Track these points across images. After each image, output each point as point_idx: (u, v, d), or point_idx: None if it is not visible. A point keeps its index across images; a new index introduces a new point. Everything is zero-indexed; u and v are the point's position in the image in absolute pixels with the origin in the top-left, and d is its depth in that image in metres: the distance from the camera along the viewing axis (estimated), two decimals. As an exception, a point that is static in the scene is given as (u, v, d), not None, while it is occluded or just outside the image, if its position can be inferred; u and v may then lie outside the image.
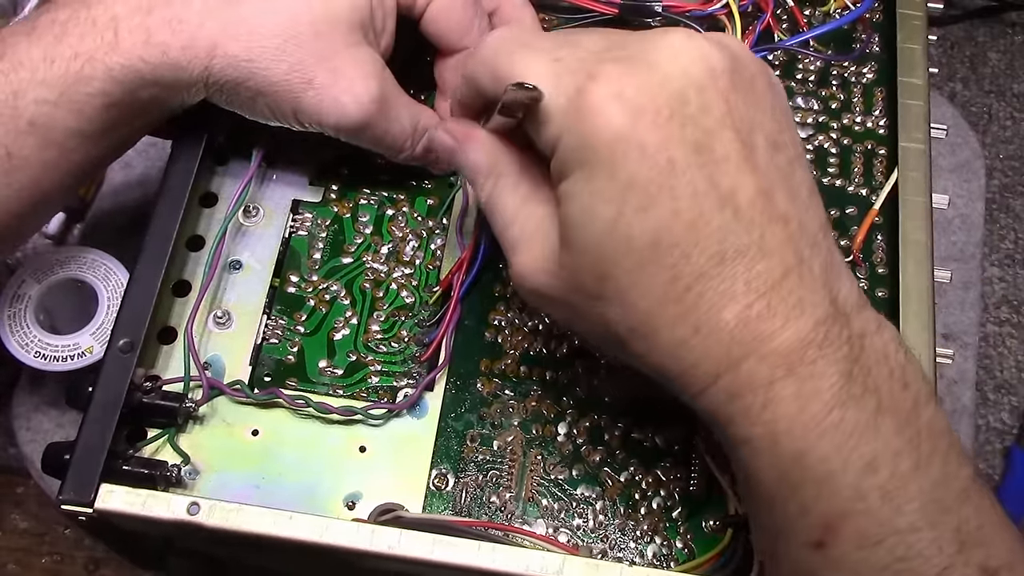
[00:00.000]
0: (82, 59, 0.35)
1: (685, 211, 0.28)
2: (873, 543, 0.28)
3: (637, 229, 0.29)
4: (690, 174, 0.28)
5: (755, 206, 0.29)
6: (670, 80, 0.29)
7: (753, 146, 0.30)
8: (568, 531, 0.37)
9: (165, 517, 0.34)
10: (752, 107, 0.30)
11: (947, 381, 0.56)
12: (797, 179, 0.31)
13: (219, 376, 0.39)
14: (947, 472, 0.29)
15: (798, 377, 0.28)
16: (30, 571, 0.53)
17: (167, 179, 0.40)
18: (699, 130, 0.29)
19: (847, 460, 0.28)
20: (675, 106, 0.29)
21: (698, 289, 0.29)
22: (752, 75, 0.31)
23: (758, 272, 0.29)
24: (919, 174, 0.42)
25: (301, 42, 0.36)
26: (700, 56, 0.30)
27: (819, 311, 0.29)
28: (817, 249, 0.30)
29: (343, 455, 0.38)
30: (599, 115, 0.29)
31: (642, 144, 0.28)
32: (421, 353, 0.40)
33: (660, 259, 0.29)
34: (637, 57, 0.29)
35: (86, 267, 0.46)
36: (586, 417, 0.39)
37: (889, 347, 0.30)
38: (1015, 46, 0.68)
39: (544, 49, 0.31)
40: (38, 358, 0.45)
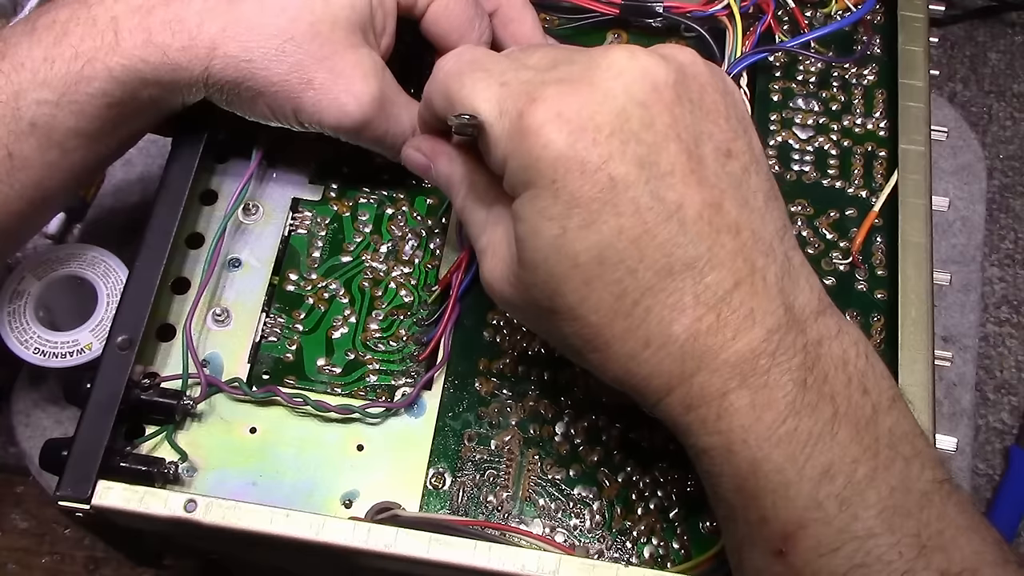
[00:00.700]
0: (83, 59, 0.35)
1: (628, 227, 0.29)
2: (831, 550, 0.28)
3: (581, 246, 0.29)
4: (633, 190, 0.29)
5: (702, 218, 0.29)
6: (610, 98, 0.29)
7: (700, 157, 0.30)
8: (565, 531, 0.37)
9: (162, 514, 0.34)
10: (700, 118, 0.30)
11: (946, 383, 0.56)
12: (751, 186, 0.31)
13: (217, 374, 0.39)
14: (908, 477, 0.29)
15: (751, 387, 0.29)
16: (30, 571, 0.53)
17: (167, 176, 0.40)
18: (642, 145, 0.29)
19: (802, 469, 0.28)
20: (616, 123, 0.29)
21: (646, 303, 0.29)
22: (701, 85, 0.31)
23: (707, 284, 0.29)
24: (919, 176, 0.42)
25: (300, 43, 0.36)
26: (641, 72, 0.30)
27: (771, 320, 0.29)
28: (772, 256, 0.30)
29: (341, 453, 0.38)
30: (539, 136, 0.29)
31: (583, 163, 0.29)
32: (419, 352, 0.40)
33: (606, 275, 0.29)
34: (578, 77, 0.30)
35: (86, 264, 0.47)
36: (584, 417, 0.39)
37: (849, 352, 0.30)
38: (1015, 46, 0.68)
39: (492, 72, 0.32)
40: (37, 354, 0.45)
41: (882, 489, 0.28)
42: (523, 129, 0.29)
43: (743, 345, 0.29)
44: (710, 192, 0.29)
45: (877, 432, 0.29)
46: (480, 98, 0.31)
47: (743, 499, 0.29)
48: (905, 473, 0.29)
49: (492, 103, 0.31)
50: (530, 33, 0.42)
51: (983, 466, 0.57)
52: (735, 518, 0.30)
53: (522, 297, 0.32)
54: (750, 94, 0.44)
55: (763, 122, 0.45)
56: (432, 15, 0.39)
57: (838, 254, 0.42)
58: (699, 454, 0.30)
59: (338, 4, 0.37)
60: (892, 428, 0.29)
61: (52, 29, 0.36)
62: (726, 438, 0.29)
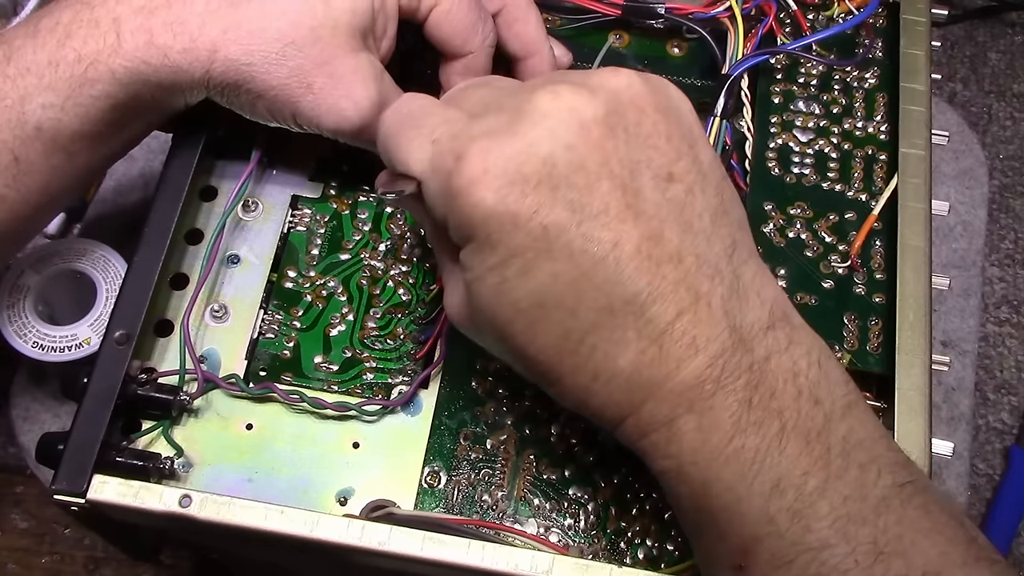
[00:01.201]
0: (86, 62, 0.35)
1: (564, 272, 0.29)
2: (786, 563, 0.28)
3: (520, 293, 0.30)
4: (565, 236, 0.29)
5: (640, 252, 0.29)
6: (535, 145, 0.29)
7: (637, 189, 0.30)
8: (559, 531, 0.37)
9: (157, 509, 0.34)
10: (637, 146, 0.30)
11: (945, 388, 0.56)
12: (696, 207, 0.30)
13: (215, 370, 0.39)
14: (864, 484, 0.29)
15: (697, 412, 0.29)
16: (30, 571, 0.53)
17: (167, 172, 0.40)
18: (572, 189, 0.29)
19: (751, 486, 0.29)
20: (543, 171, 0.29)
21: (591, 341, 0.29)
22: (638, 109, 0.30)
23: (648, 319, 0.29)
24: (919, 180, 0.42)
25: (301, 47, 0.36)
26: (567, 113, 0.29)
27: (715, 346, 0.29)
28: (719, 279, 0.30)
29: (336, 451, 0.38)
30: (469, 196, 0.29)
31: (514, 216, 0.29)
32: (416, 351, 0.40)
33: (548, 317, 0.30)
34: (503, 128, 0.30)
35: (85, 258, 0.47)
36: (580, 418, 0.38)
37: (800, 364, 0.30)
38: (1015, 46, 0.68)
39: (423, 129, 0.32)
40: (36, 348, 0.45)
41: (834, 499, 0.28)
42: (453, 189, 0.30)
43: (687, 374, 0.29)
44: (647, 224, 0.29)
45: (829, 442, 0.29)
46: (413, 158, 0.32)
47: (701, 517, 0.30)
48: (860, 480, 0.29)
49: (424, 163, 0.31)
50: (534, 33, 0.42)
51: (983, 466, 0.57)
52: (698, 535, 0.31)
53: (476, 335, 0.33)
54: (751, 96, 0.44)
55: (764, 124, 0.45)
56: (435, 20, 0.39)
57: (837, 257, 0.42)
58: (657, 476, 0.31)
59: (339, 8, 0.37)
60: (846, 436, 0.29)
61: (55, 32, 0.36)
62: (677, 461, 0.30)
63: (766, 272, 0.32)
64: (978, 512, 0.56)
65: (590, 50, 0.46)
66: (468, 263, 0.31)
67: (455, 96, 0.34)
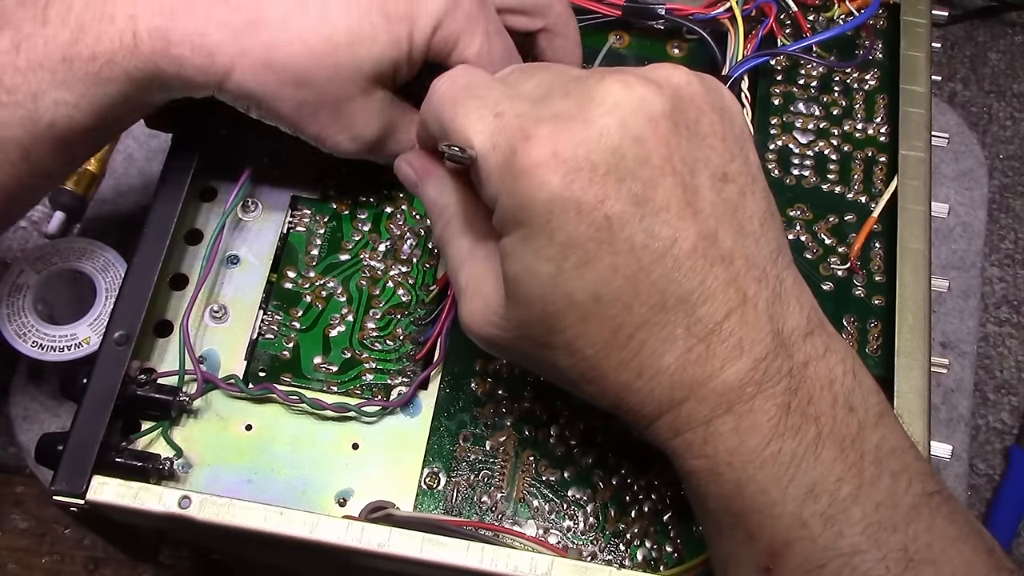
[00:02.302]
0: (100, 61, 0.34)
1: (624, 266, 0.29)
2: (817, 567, 0.28)
3: (577, 285, 0.29)
4: (628, 229, 0.29)
5: (696, 252, 0.29)
6: (606, 134, 0.29)
7: (696, 188, 0.30)
8: (558, 532, 0.37)
9: (156, 510, 0.34)
10: (696, 145, 0.30)
11: (944, 390, 0.56)
12: (748, 210, 0.30)
13: (214, 370, 0.39)
14: (895, 492, 0.29)
15: (736, 414, 0.29)
16: (30, 571, 0.53)
17: (167, 172, 0.40)
18: (637, 182, 0.29)
19: (786, 489, 0.29)
20: (612, 161, 0.29)
21: (640, 337, 0.29)
22: (698, 108, 0.30)
23: (698, 317, 0.29)
24: (919, 182, 0.42)
25: (315, 84, 0.35)
26: (638, 104, 0.29)
27: (759, 348, 0.29)
28: (764, 282, 0.30)
29: (336, 452, 0.38)
30: (533, 177, 0.28)
31: (578, 203, 0.28)
32: (416, 351, 0.40)
33: (602, 311, 0.29)
34: (573, 113, 0.29)
35: (85, 258, 0.47)
36: (579, 419, 0.39)
37: (836, 371, 0.30)
38: (1015, 46, 0.68)
39: (486, 101, 0.31)
40: (35, 348, 0.45)
41: (867, 505, 0.29)
42: (517, 168, 0.29)
43: (731, 375, 0.29)
44: (705, 224, 0.29)
45: (863, 449, 0.29)
46: (473, 129, 0.30)
47: (729, 518, 0.30)
48: (892, 488, 0.29)
49: (485, 135, 0.30)
50: (574, 49, 0.42)
51: (983, 466, 0.57)
52: (721, 535, 0.31)
53: (509, 336, 0.32)
54: (751, 97, 0.44)
55: (764, 126, 0.45)
56: None
57: (836, 259, 0.42)
58: (686, 475, 0.31)
59: (365, 57, 0.35)
60: (879, 444, 0.30)
61: (67, 23, 0.34)
62: (712, 461, 0.29)
63: (802, 280, 0.32)
64: (978, 512, 0.56)
65: (590, 50, 0.46)
66: (517, 252, 0.30)
67: (513, 77, 0.33)
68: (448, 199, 0.34)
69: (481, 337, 0.33)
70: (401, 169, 0.37)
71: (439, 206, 0.34)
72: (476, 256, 0.33)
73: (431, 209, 0.35)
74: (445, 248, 0.34)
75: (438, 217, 0.34)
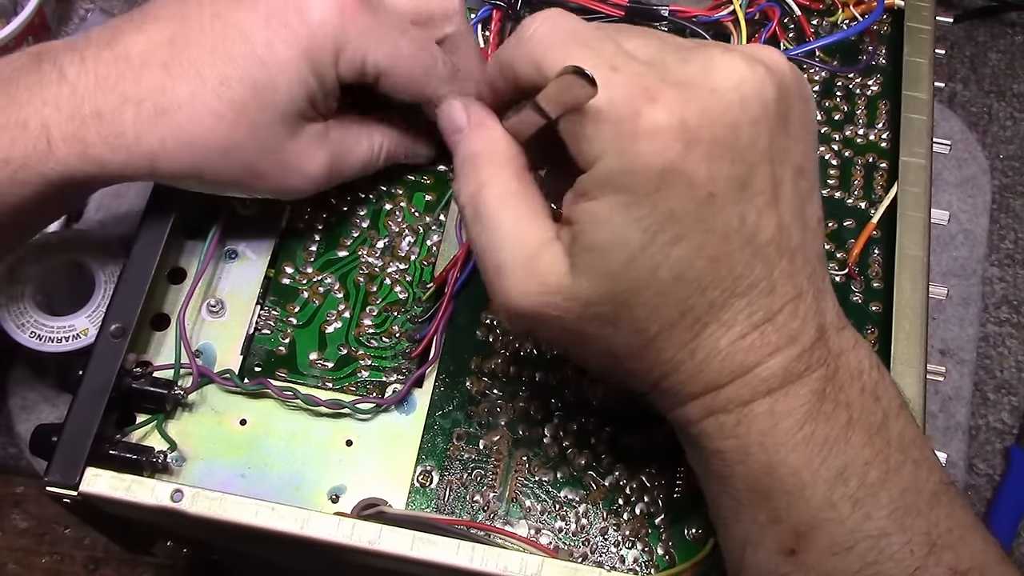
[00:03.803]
0: (14, 165, 0.34)
1: (711, 247, 0.29)
2: (844, 549, 0.29)
3: (666, 260, 0.28)
4: (726, 212, 0.28)
5: (772, 243, 0.29)
6: (729, 110, 0.28)
7: (781, 179, 0.30)
8: (550, 533, 0.37)
9: (148, 503, 0.34)
10: (787, 137, 0.30)
11: (942, 397, 0.56)
12: (812, 209, 0.31)
13: (210, 365, 0.39)
14: (917, 479, 0.30)
15: (773, 397, 0.29)
16: (30, 571, 0.53)
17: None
18: (744, 165, 0.28)
19: (817, 472, 0.29)
20: (729, 138, 0.28)
21: (706, 319, 0.29)
22: (793, 100, 0.30)
23: (759, 306, 0.29)
24: (919, 189, 0.42)
25: (240, 148, 0.35)
26: (760, 86, 0.29)
27: (806, 339, 0.30)
28: (813, 279, 0.31)
29: (329, 448, 0.38)
30: (655, 142, 0.27)
31: (691, 177, 0.28)
32: (412, 349, 0.40)
33: (680, 291, 0.29)
34: (698, 81, 0.28)
35: (84, 250, 0.47)
36: (573, 420, 0.39)
37: (864, 363, 0.31)
38: (1015, 46, 0.68)
39: (601, 53, 0.29)
40: (33, 338, 0.46)
41: (893, 490, 0.29)
42: (637, 129, 0.27)
43: (777, 363, 0.29)
44: (783, 216, 0.30)
45: (888, 437, 0.30)
46: None
47: (754, 499, 0.30)
48: (914, 475, 0.30)
49: (602, 86, 0.27)
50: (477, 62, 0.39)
51: (983, 466, 0.57)
52: (740, 517, 0.31)
53: (569, 311, 0.30)
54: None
55: (765, 129, 0.44)
56: (385, 85, 0.37)
57: (835, 265, 0.42)
58: (710, 455, 0.31)
59: (274, 104, 0.35)
60: (901, 433, 0.30)
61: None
62: (743, 441, 0.30)
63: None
64: (978, 512, 0.56)
65: (593, 51, 0.46)
66: (609, 218, 0.28)
67: (609, 32, 0.30)
68: (496, 159, 0.32)
69: (529, 315, 0.30)
70: (450, 111, 0.34)
71: (483, 163, 0.32)
72: (522, 229, 0.30)
73: (470, 164, 0.32)
74: (479, 211, 0.31)
75: (477, 175, 0.31)
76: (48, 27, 0.60)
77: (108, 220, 0.54)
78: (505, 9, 0.45)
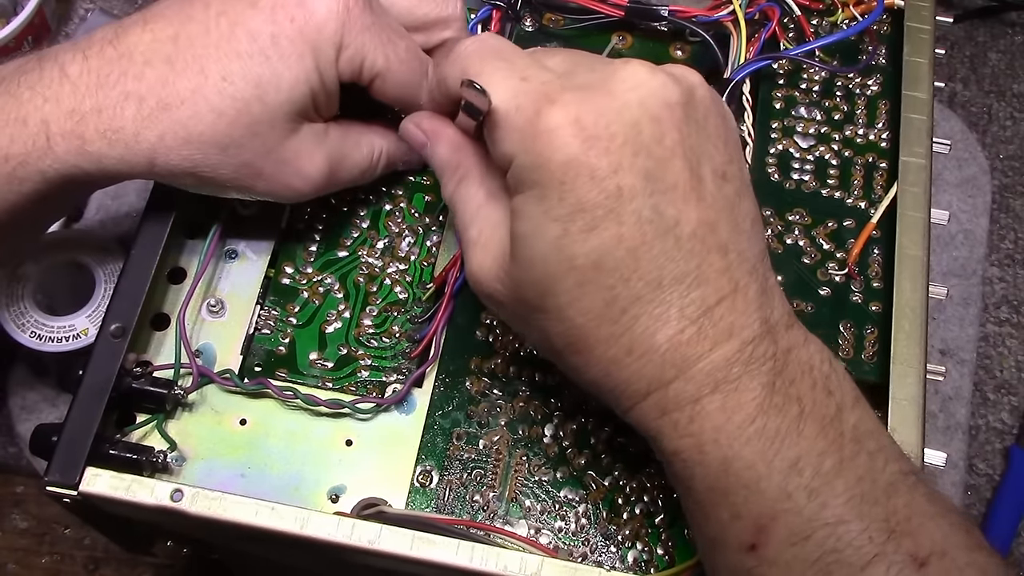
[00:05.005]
0: (13, 162, 0.34)
1: (628, 237, 0.30)
2: (803, 538, 0.29)
3: (581, 249, 0.30)
4: (637, 201, 0.30)
5: (696, 236, 0.30)
6: (626, 109, 0.30)
7: (701, 177, 0.31)
8: (550, 533, 0.37)
9: (148, 503, 0.34)
10: (703, 139, 0.31)
11: (942, 397, 0.56)
12: (742, 210, 0.32)
13: (210, 364, 0.39)
14: (874, 468, 0.30)
15: (723, 392, 0.30)
16: (30, 571, 0.53)
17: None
18: (651, 159, 0.30)
19: (771, 463, 0.30)
20: (629, 134, 0.30)
21: (633, 312, 0.30)
22: (707, 108, 0.32)
23: (692, 299, 0.30)
24: (919, 189, 0.42)
25: (240, 145, 0.35)
26: (658, 87, 0.31)
27: (747, 332, 0.30)
28: (754, 276, 0.31)
29: (329, 448, 0.38)
30: (553, 138, 0.30)
31: (593, 169, 0.29)
32: (412, 349, 0.40)
33: (600, 280, 0.30)
34: (597, 85, 0.31)
35: (85, 250, 0.47)
36: (573, 420, 0.39)
37: (814, 359, 0.31)
38: (1015, 46, 0.68)
39: (514, 65, 0.32)
40: (33, 338, 0.46)
41: (849, 478, 0.30)
42: (538, 129, 0.30)
43: (719, 355, 0.30)
44: (706, 211, 0.31)
45: (842, 428, 0.30)
46: (499, 87, 0.31)
47: (714, 497, 0.31)
48: (870, 465, 0.30)
49: (509, 95, 0.31)
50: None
51: (983, 466, 0.57)
52: (707, 519, 0.31)
53: (509, 294, 0.32)
54: (752, 101, 0.44)
55: (764, 130, 0.44)
56: (378, 87, 0.38)
57: (834, 265, 0.42)
58: (670, 457, 0.31)
59: (276, 102, 0.35)
60: (856, 425, 0.31)
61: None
62: (698, 440, 0.30)
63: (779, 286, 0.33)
64: (978, 512, 0.56)
65: (593, 51, 0.46)
66: (526, 211, 0.31)
67: (538, 53, 0.34)
68: (461, 158, 0.35)
69: (484, 292, 0.33)
70: (408, 131, 0.37)
71: (452, 165, 0.35)
72: (485, 211, 0.34)
73: (443, 169, 0.36)
74: (456, 205, 0.35)
75: (451, 176, 0.35)
76: (48, 27, 0.60)
77: (108, 220, 0.54)
78: (505, 9, 0.45)
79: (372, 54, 0.36)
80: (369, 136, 0.40)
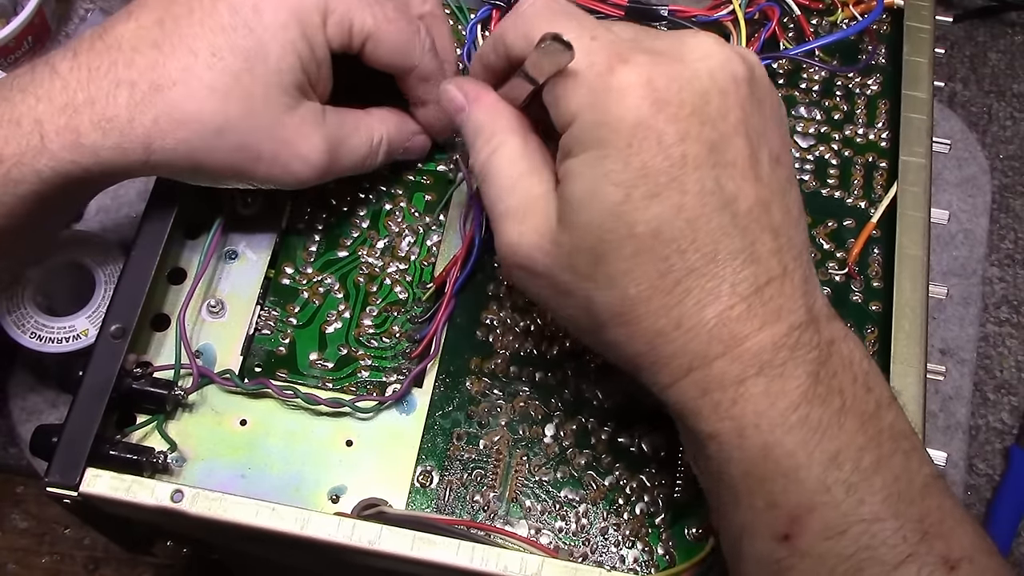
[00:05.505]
0: (8, 163, 0.34)
1: (689, 207, 0.30)
2: (838, 533, 0.29)
3: (642, 217, 0.29)
4: (700, 172, 0.30)
5: (752, 214, 0.30)
6: (697, 78, 0.30)
7: (758, 158, 0.31)
8: (550, 533, 0.37)
9: (149, 503, 0.34)
10: (763, 120, 0.31)
11: (943, 397, 0.56)
12: (792, 197, 0.32)
13: (210, 365, 0.39)
14: (909, 468, 0.30)
15: (767, 376, 0.30)
16: (30, 571, 0.53)
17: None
18: (715, 131, 0.30)
19: (812, 454, 0.29)
20: (698, 103, 0.30)
21: (686, 284, 0.30)
22: (765, 91, 0.32)
23: (744, 276, 0.30)
24: (919, 189, 0.42)
25: (238, 122, 0.35)
26: (727, 62, 0.31)
27: (794, 317, 0.30)
28: (800, 262, 0.31)
29: (329, 448, 0.38)
30: (625, 98, 0.29)
31: (661, 134, 0.29)
32: (412, 349, 0.40)
33: (657, 250, 0.30)
34: (669, 51, 0.31)
35: (85, 250, 0.47)
36: (573, 420, 0.39)
37: (855, 354, 0.31)
38: (1015, 46, 0.68)
39: (584, 24, 0.32)
40: (34, 339, 0.46)
41: (887, 476, 0.30)
42: (609, 86, 0.30)
43: (766, 336, 0.30)
44: (762, 192, 0.31)
45: (880, 425, 0.30)
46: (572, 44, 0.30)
47: (750, 484, 0.30)
48: (906, 465, 0.30)
49: (581, 52, 0.30)
50: (448, 44, 0.41)
51: (983, 466, 0.57)
52: (738, 505, 0.31)
53: (555, 263, 0.32)
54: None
55: (764, 129, 0.44)
56: (370, 50, 0.38)
57: (834, 264, 0.42)
58: (706, 439, 0.31)
59: (266, 73, 0.35)
60: (892, 424, 0.31)
61: None
62: (738, 423, 0.30)
63: None
64: (978, 512, 0.56)
65: (592, 51, 0.46)
66: (585, 173, 0.30)
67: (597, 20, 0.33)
68: (499, 124, 0.34)
69: (520, 262, 0.32)
70: (448, 92, 0.36)
71: (488, 132, 0.34)
72: (525, 182, 0.33)
73: (478, 134, 0.35)
74: (490, 175, 0.34)
75: (486, 142, 0.34)
76: (48, 27, 0.60)
77: (108, 221, 0.54)
78: (505, 9, 0.45)
79: (360, 15, 0.36)
80: (368, 121, 0.40)
